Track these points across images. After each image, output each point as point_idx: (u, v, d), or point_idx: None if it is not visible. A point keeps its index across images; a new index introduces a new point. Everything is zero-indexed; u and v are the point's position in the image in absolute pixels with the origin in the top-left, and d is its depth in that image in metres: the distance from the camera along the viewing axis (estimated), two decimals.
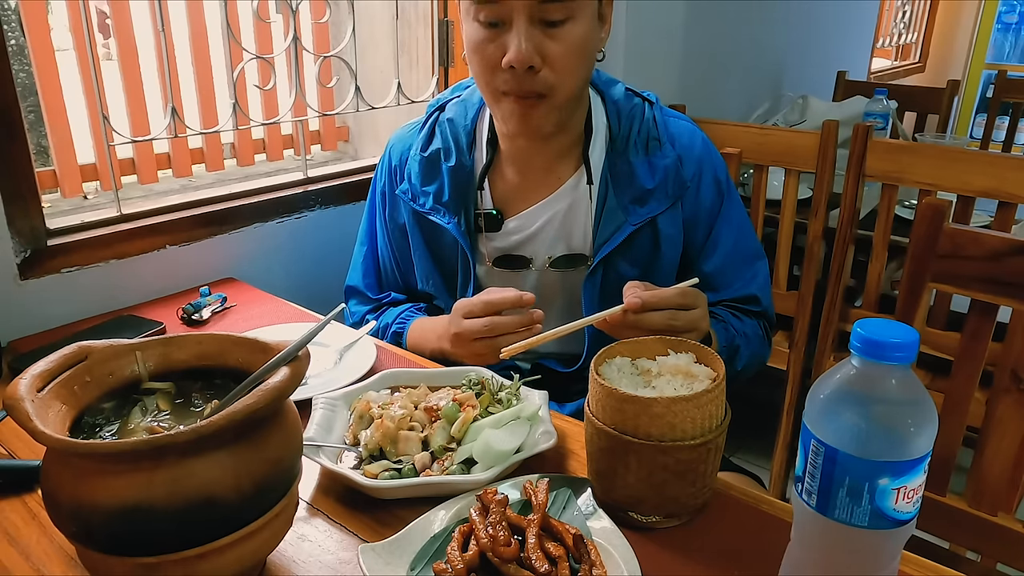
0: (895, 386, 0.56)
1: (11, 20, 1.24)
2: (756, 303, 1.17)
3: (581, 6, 0.97)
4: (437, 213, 1.14)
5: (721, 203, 1.14)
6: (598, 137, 1.11)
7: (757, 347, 1.15)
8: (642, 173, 1.09)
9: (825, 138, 1.81)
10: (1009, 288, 1.07)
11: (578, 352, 1.16)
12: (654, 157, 1.10)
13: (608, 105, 1.13)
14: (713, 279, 1.14)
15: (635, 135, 1.10)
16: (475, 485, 0.78)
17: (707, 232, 1.14)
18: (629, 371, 0.80)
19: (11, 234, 1.22)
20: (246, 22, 1.61)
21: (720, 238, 1.15)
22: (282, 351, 0.66)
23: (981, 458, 1.15)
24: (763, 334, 1.18)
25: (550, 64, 0.97)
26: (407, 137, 1.22)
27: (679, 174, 1.10)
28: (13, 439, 0.92)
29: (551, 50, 0.97)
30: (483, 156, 1.14)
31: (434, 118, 1.19)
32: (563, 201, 1.12)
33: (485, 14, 0.97)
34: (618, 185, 1.09)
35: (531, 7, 0.94)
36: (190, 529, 0.59)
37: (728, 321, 1.12)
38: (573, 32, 0.97)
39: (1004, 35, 4.86)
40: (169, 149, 1.69)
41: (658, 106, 1.14)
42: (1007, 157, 1.96)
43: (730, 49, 2.61)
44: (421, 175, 1.16)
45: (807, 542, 0.63)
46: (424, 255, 1.20)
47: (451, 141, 1.15)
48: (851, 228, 1.84)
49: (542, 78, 0.98)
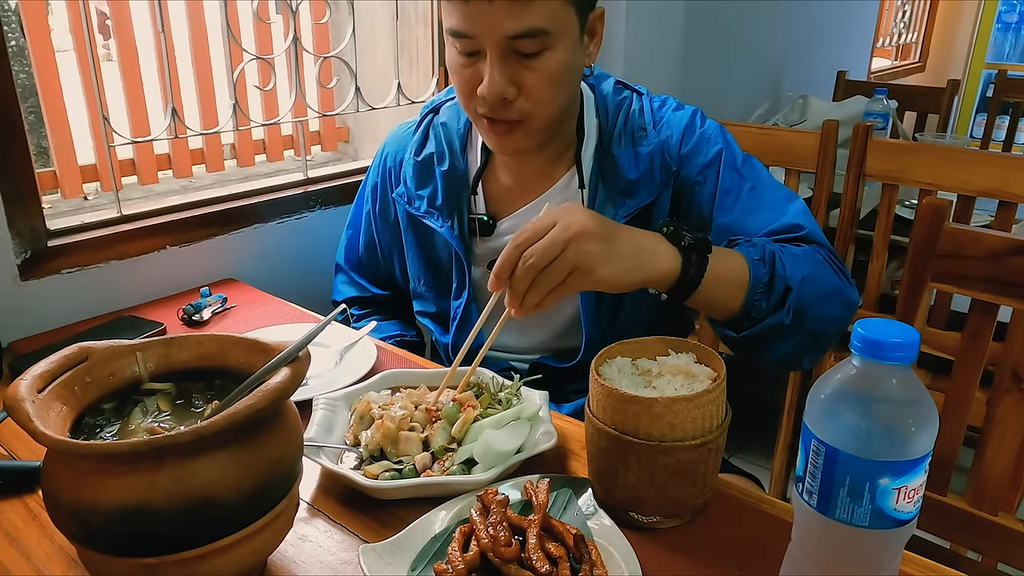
0: (896, 386, 0.56)
1: (11, 21, 1.24)
2: (798, 230, 0.99)
3: (556, 37, 0.93)
4: (431, 216, 1.15)
5: (721, 154, 1.06)
6: (590, 137, 1.11)
7: (815, 265, 0.95)
8: (626, 164, 1.07)
9: (825, 138, 1.81)
10: (1009, 288, 1.07)
11: (576, 345, 1.15)
12: (639, 147, 1.07)
13: (598, 100, 1.12)
14: (734, 226, 1.02)
15: (621, 127, 1.09)
16: (476, 485, 0.78)
17: (714, 185, 1.05)
18: (629, 371, 0.80)
19: (11, 235, 1.22)
20: (246, 22, 1.61)
21: (731, 185, 1.04)
22: (282, 352, 0.66)
23: (982, 458, 1.15)
24: (824, 260, 0.97)
25: (526, 94, 0.96)
26: (402, 138, 1.23)
27: (664, 159, 1.06)
28: (13, 440, 0.92)
29: (527, 80, 0.95)
30: (477, 159, 1.15)
31: (428, 120, 1.19)
32: (555, 201, 1.12)
33: (461, 45, 0.96)
34: (606, 180, 1.09)
35: (502, 42, 0.92)
36: (191, 530, 0.59)
37: (757, 243, 0.96)
38: (550, 62, 0.94)
39: (1004, 35, 4.86)
40: (169, 150, 1.69)
41: (647, 96, 1.13)
42: (1007, 157, 1.96)
43: (730, 49, 2.61)
44: (415, 179, 1.17)
45: (808, 542, 0.63)
46: (417, 256, 1.21)
47: (444, 145, 1.15)
48: (851, 228, 1.84)
49: (517, 107, 0.97)
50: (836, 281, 0.96)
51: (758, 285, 0.90)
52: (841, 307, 0.96)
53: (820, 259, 0.97)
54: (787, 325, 0.91)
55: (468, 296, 1.15)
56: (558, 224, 0.79)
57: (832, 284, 0.96)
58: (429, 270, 1.20)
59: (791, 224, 1.00)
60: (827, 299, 0.94)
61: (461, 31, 0.93)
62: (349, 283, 1.36)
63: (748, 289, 0.90)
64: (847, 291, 0.97)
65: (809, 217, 1.02)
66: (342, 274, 1.37)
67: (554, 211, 0.82)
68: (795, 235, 0.99)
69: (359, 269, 1.35)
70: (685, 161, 1.07)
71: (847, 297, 0.97)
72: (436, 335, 1.24)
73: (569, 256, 0.78)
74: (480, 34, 0.92)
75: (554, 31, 0.93)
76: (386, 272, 1.32)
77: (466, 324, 1.16)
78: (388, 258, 1.29)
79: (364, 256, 1.33)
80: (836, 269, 0.98)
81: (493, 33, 0.91)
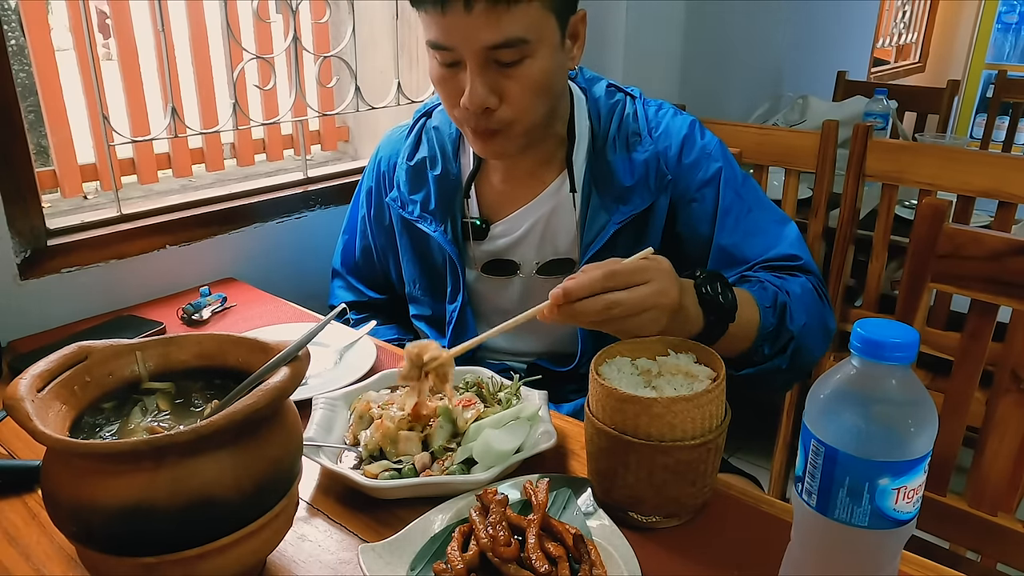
0: (895, 386, 0.56)
1: (11, 20, 1.24)
2: (795, 260, 1.04)
3: (535, 45, 0.93)
4: (424, 221, 1.15)
5: (720, 172, 1.07)
6: (582, 141, 1.10)
7: (812, 305, 1.00)
8: (621, 171, 1.07)
9: (825, 138, 1.81)
10: (1009, 288, 1.08)
11: (572, 351, 1.16)
12: (634, 152, 1.08)
13: (590, 104, 1.12)
14: (735, 249, 1.05)
15: (615, 132, 1.09)
16: (475, 485, 0.78)
17: (713, 204, 1.06)
18: (629, 371, 0.80)
19: (11, 234, 1.22)
20: (246, 22, 1.61)
21: (731, 205, 1.06)
22: (282, 351, 0.66)
23: (981, 458, 1.15)
24: (816, 291, 1.03)
25: (507, 102, 0.96)
26: (395, 142, 1.23)
27: (660, 167, 1.07)
28: (13, 439, 0.92)
29: (508, 89, 0.95)
30: (470, 163, 1.15)
31: (421, 124, 1.19)
32: (546, 205, 1.12)
33: (441, 56, 0.96)
34: (599, 186, 1.08)
35: (481, 53, 0.92)
36: (190, 529, 0.59)
37: (766, 280, 1.00)
38: (531, 70, 0.94)
39: (1004, 35, 4.87)
40: (169, 149, 1.69)
41: (641, 99, 1.12)
42: (1007, 157, 1.96)
43: (730, 49, 2.61)
44: (409, 183, 1.17)
45: (807, 542, 0.63)
46: (412, 260, 1.21)
47: (437, 149, 1.16)
48: (851, 228, 1.84)
49: (499, 116, 0.97)
50: (825, 314, 1.03)
51: (765, 334, 0.94)
52: (826, 340, 1.04)
53: (813, 293, 1.02)
54: (784, 368, 0.97)
55: (463, 300, 1.16)
56: (653, 286, 0.79)
57: (822, 320, 1.02)
58: (424, 274, 1.21)
59: (788, 254, 1.04)
60: (819, 337, 1.01)
61: (440, 43, 0.94)
62: (346, 288, 1.36)
63: (755, 339, 0.94)
64: (830, 321, 1.04)
65: (803, 245, 1.07)
66: (338, 279, 1.37)
67: (652, 266, 0.81)
68: (792, 264, 1.04)
69: (356, 273, 1.35)
70: (683, 173, 1.07)
71: (829, 329, 1.04)
72: (432, 339, 1.24)
73: (643, 319, 0.79)
74: (459, 46, 0.92)
75: (533, 39, 0.93)
76: (382, 276, 1.31)
77: (462, 327, 1.17)
78: (384, 262, 1.29)
79: (360, 260, 1.33)
80: (822, 297, 1.04)
81: (472, 44, 0.92)
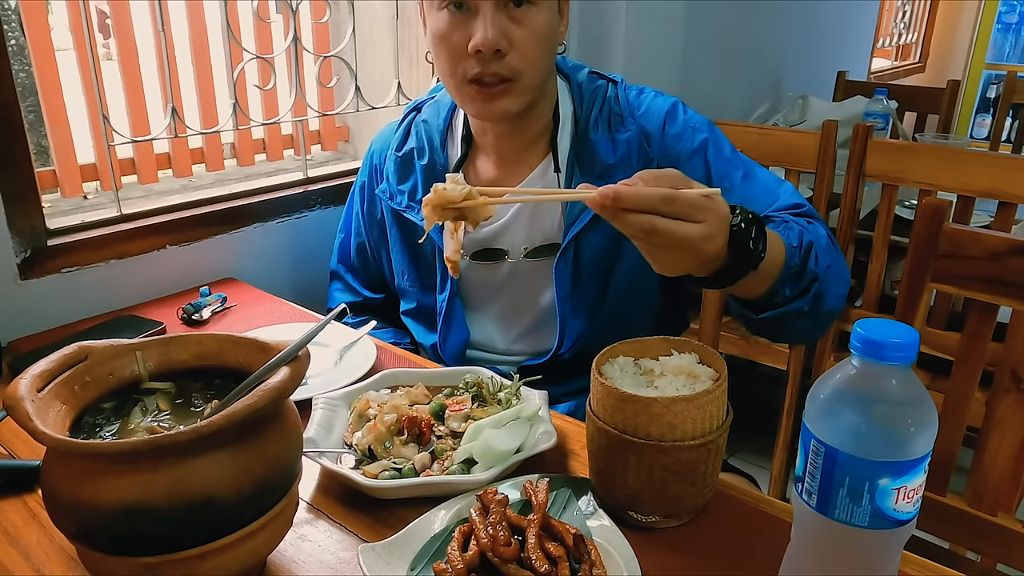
0: (895, 386, 0.56)
1: (11, 20, 1.24)
2: (800, 207, 1.04)
3: None
4: (412, 211, 1.17)
5: (707, 142, 1.08)
6: (566, 125, 1.12)
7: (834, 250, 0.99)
8: (604, 150, 1.09)
9: (825, 138, 1.81)
10: (1009, 288, 1.07)
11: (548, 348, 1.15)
12: (617, 132, 1.10)
13: (573, 88, 1.14)
14: None
15: (597, 113, 1.11)
16: (475, 485, 0.78)
17: (704, 174, 1.07)
18: (632, 371, 0.80)
19: (11, 234, 1.22)
20: (246, 22, 1.61)
21: (724, 171, 1.07)
22: (282, 351, 0.66)
23: (981, 458, 1.15)
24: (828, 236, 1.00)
25: (516, 48, 1.00)
26: (387, 136, 1.26)
27: (643, 146, 1.09)
28: (13, 439, 0.92)
29: (516, 35, 0.99)
30: (457, 151, 1.17)
31: (410, 118, 1.22)
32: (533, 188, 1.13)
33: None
34: (583, 165, 1.10)
35: None
36: (190, 529, 0.59)
37: (791, 220, 0.98)
38: (537, 18, 1.00)
39: (1004, 35, 4.86)
40: (169, 149, 1.69)
41: (622, 84, 1.15)
42: (1007, 157, 1.96)
43: (730, 49, 2.61)
44: (397, 174, 1.20)
45: (807, 542, 0.63)
46: (401, 251, 1.23)
47: (425, 141, 1.18)
48: (851, 228, 1.84)
49: (508, 62, 1.00)
50: (841, 263, 1.00)
51: (788, 274, 0.91)
52: (844, 285, 1.00)
53: (830, 241, 1.00)
54: (805, 311, 0.94)
55: (452, 290, 1.17)
56: (703, 229, 0.74)
57: (841, 267, 0.99)
58: (412, 264, 1.22)
59: (792, 203, 1.04)
60: (839, 283, 0.98)
61: None
62: (343, 289, 1.36)
63: (777, 278, 0.91)
64: (845, 268, 1.01)
65: (802, 197, 1.06)
66: (337, 281, 1.37)
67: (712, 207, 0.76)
68: (797, 212, 1.03)
69: (352, 272, 1.35)
70: (668, 145, 1.09)
71: (845, 275, 1.01)
72: (420, 337, 1.25)
73: (677, 256, 0.77)
74: None
75: None
76: (377, 273, 1.32)
77: (451, 319, 1.17)
78: (377, 257, 1.30)
79: (356, 258, 1.33)
80: (834, 244, 1.01)
81: None
